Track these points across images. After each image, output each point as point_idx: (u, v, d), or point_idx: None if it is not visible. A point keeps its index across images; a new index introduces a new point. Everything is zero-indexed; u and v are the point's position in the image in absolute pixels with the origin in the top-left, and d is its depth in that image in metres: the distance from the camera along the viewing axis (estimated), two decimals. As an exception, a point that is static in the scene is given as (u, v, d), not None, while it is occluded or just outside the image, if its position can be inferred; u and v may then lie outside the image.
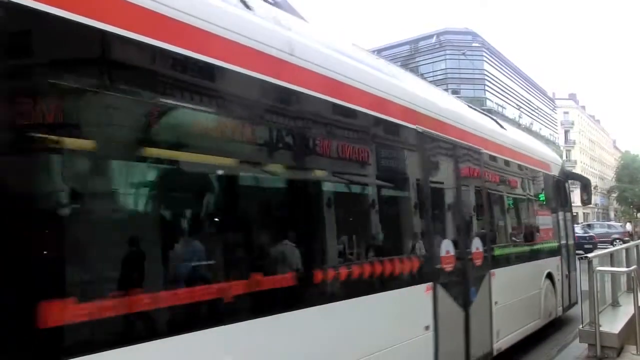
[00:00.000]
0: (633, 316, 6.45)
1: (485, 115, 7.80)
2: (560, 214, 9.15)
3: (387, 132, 4.49)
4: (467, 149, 5.87)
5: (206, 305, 2.67)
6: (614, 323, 6.54)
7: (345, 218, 3.99)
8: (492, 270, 6.02)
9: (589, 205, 12.30)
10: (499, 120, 8.08)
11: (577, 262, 8.73)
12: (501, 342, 6.16)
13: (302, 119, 3.49)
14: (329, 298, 3.52)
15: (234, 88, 3.00)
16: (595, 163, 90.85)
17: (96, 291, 2.22)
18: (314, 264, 3.45)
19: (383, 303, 4.05)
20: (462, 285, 5.36)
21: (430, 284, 4.66)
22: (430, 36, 62.80)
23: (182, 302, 2.52)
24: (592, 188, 11.72)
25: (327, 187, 3.80)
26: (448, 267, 5.06)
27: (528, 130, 50.09)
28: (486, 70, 63.48)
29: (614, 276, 7.54)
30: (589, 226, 34.50)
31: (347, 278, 3.73)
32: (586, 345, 6.33)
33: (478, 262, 5.75)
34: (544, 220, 8.52)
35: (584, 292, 6.35)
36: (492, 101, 61.84)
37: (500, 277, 6.18)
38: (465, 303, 5.34)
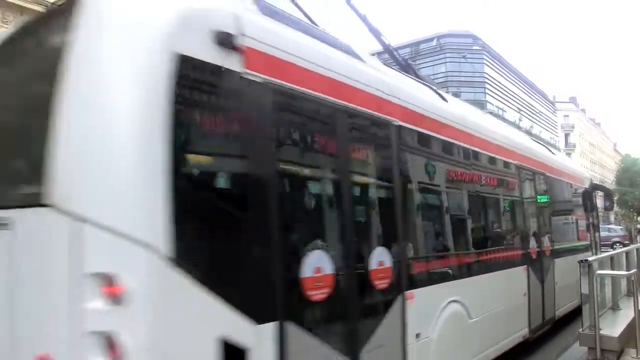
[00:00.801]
0: (633, 319, 6.47)
1: (539, 143, 10.27)
2: (590, 218, 11.58)
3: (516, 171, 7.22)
4: (541, 174, 8.34)
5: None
6: (614, 326, 6.59)
7: (509, 226, 7.01)
8: (554, 260, 8.46)
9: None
10: (548, 146, 10.58)
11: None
12: (559, 311, 8.60)
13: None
14: (492, 269, 6.16)
15: None
16: (596, 166, 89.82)
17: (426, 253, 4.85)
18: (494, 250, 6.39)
19: (509, 276, 6.59)
20: (540, 268, 7.79)
21: (526, 266, 7.15)
22: (430, 39, 63.10)
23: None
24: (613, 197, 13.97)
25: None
26: (534, 256, 7.54)
27: (528, 133, 51.57)
28: (486, 73, 64.17)
29: (614, 279, 7.65)
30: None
31: (499, 259, 6.40)
32: (586, 348, 6.34)
33: (548, 253, 8.19)
34: (580, 223, 10.99)
35: (584, 295, 6.39)
36: (493, 104, 62.29)
37: (558, 264, 8.60)
38: (542, 280, 7.79)
